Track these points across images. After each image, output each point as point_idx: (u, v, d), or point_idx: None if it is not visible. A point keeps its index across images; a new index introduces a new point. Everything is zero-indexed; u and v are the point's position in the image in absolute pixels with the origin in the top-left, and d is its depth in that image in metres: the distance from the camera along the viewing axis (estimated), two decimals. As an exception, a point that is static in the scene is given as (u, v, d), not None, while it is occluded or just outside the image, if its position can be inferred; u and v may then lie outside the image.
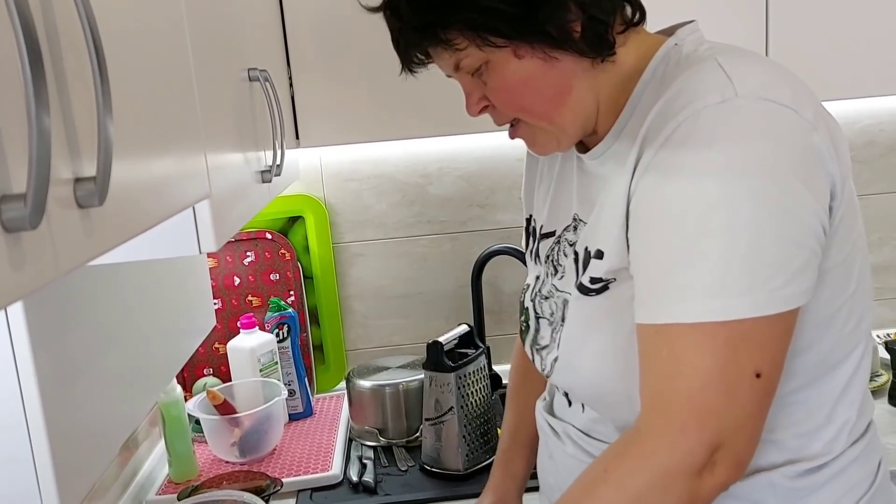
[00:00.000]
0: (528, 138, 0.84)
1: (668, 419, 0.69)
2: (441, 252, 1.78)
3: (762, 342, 0.68)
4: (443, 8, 0.75)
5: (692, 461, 0.67)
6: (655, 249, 0.71)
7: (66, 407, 0.76)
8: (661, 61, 0.78)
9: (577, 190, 0.87)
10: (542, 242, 0.94)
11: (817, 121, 0.71)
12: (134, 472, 1.43)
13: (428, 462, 1.41)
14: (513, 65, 0.76)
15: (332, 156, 1.72)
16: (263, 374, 1.57)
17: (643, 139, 0.73)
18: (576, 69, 0.77)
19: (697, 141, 0.69)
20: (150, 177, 0.53)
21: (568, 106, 0.79)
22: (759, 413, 0.70)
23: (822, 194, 0.70)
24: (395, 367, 1.58)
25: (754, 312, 0.66)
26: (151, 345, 1.08)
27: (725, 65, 0.72)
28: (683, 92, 0.71)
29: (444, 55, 0.79)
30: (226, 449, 1.46)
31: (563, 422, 0.94)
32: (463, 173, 1.75)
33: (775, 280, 0.67)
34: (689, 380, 0.68)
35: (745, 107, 0.69)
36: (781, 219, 0.67)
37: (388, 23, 0.80)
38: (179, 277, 1.25)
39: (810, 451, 0.79)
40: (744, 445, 0.69)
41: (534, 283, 0.95)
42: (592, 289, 0.81)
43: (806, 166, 0.69)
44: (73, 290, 0.82)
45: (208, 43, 0.78)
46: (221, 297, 1.70)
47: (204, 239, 0.71)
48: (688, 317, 0.68)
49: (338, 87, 1.39)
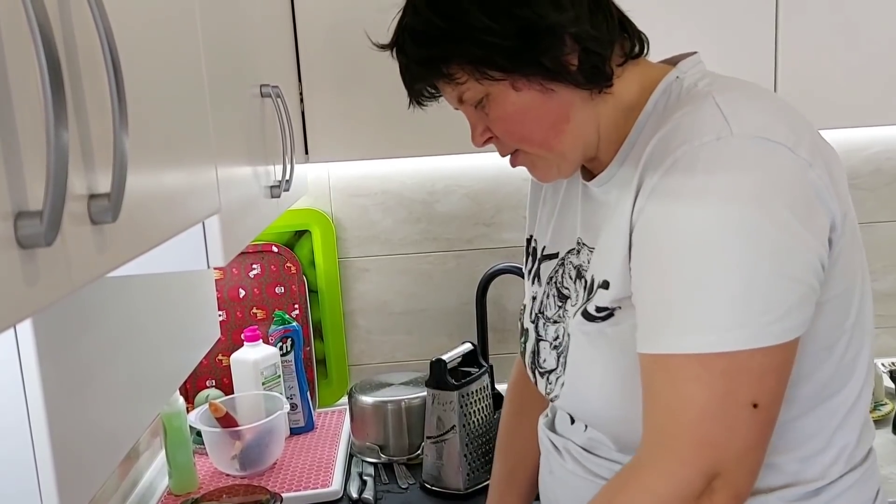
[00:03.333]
0: (528, 166, 0.86)
1: (667, 451, 0.70)
2: (446, 269, 1.79)
3: (759, 374, 0.69)
4: (443, 43, 0.78)
5: (689, 491, 0.68)
6: (654, 281, 0.73)
7: (70, 415, 0.77)
8: (663, 94, 0.80)
9: (581, 215, 0.89)
10: (544, 264, 0.94)
11: (814, 157, 0.71)
12: (134, 482, 1.43)
13: (428, 480, 1.40)
14: (511, 97, 0.79)
15: (340, 171, 1.73)
16: (266, 388, 1.57)
17: (641, 172, 0.75)
18: (573, 99, 0.79)
19: (693, 176, 0.70)
20: (162, 192, 0.53)
21: (566, 134, 0.81)
22: (759, 444, 0.70)
23: (820, 230, 0.71)
24: (397, 384, 1.58)
25: (749, 345, 0.67)
26: (157, 355, 1.09)
27: (722, 103, 0.73)
28: (680, 129, 0.73)
29: (447, 89, 0.82)
30: (226, 462, 1.46)
31: (563, 438, 0.95)
32: (469, 191, 1.76)
33: (771, 314, 0.68)
34: (687, 412, 0.69)
35: (740, 145, 0.70)
36: (777, 255, 0.68)
37: (398, 59, 0.84)
38: (186, 289, 1.26)
39: (807, 475, 0.80)
40: (744, 476, 0.70)
41: (531, 303, 0.96)
42: (598, 316, 0.82)
43: (802, 203, 0.70)
44: (82, 300, 0.82)
45: (222, 59, 0.79)
46: (226, 309, 1.71)
47: (213, 253, 0.71)
48: (685, 348, 0.69)
49: (348, 104, 1.40)
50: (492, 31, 0.75)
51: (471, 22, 0.75)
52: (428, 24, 0.78)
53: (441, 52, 0.79)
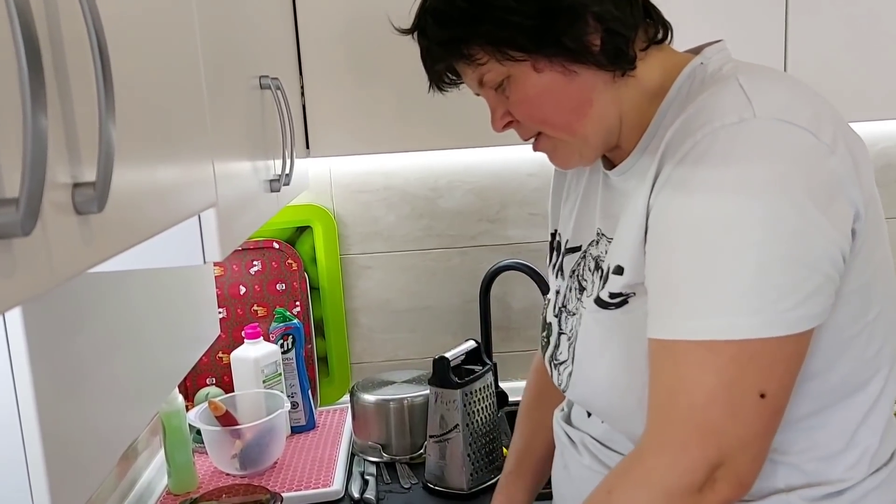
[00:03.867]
0: (549, 151, 0.85)
1: (670, 437, 0.69)
2: (449, 266, 1.76)
3: (769, 363, 0.67)
4: (464, 24, 0.77)
5: (692, 479, 0.67)
6: (668, 265, 0.71)
7: (63, 416, 0.75)
8: (687, 79, 0.79)
9: (600, 205, 0.87)
10: (567, 257, 0.93)
11: (836, 143, 0.69)
12: (132, 482, 1.41)
13: (431, 480, 1.38)
14: (533, 78, 0.77)
15: (341, 166, 1.71)
16: (266, 386, 1.55)
17: (662, 155, 0.73)
18: (596, 82, 0.78)
19: (713, 159, 0.68)
20: (154, 183, 0.51)
21: (589, 118, 0.79)
22: (764, 433, 0.69)
23: (842, 218, 0.69)
24: (400, 382, 1.56)
25: (762, 333, 0.66)
26: (154, 354, 1.07)
27: (746, 85, 0.71)
28: (703, 110, 0.71)
29: (468, 71, 0.81)
30: (226, 461, 1.44)
31: (580, 431, 0.93)
32: (473, 187, 1.74)
33: (785, 302, 0.66)
34: (692, 397, 0.68)
35: (761, 128, 0.68)
36: (793, 241, 0.66)
37: (419, 42, 0.83)
38: (185, 286, 1.24)
39: (829, 475, 0.78)
40: (747, 465, 0.68)
41: (554, 297, 0.94)
42: (611, 303, 0.80)
43: (822, 189, 0.68)
44: (76, 297, 0.80)
45: (220, 49, 0.77)
46: (227, 307, 1.68)
47: (209, 248, 0.69)
48: (694, 334, 0.67)
49: (350, 98, 1.38)
50: (513, 10, 0.74)
51: (492, 1, 0.75)
52: (449, 5, 0.78)
53: (462, 32, 0.78)
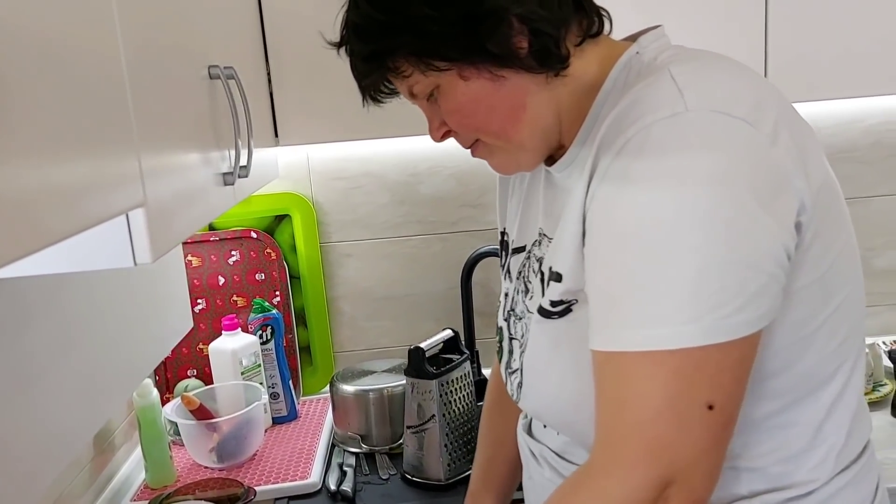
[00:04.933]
0: (488, 158, 0.82)
1: (618, 454, 0.65)
2: (431, 253, 1.74)
3: (715, 372, 0.63)
4: (384, 36, 0.74)
5: (642, 496, 0.63)
6: (605, 272, 0.67)
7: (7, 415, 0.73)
8: (622, 70, 0.75)
9: (543, 203, 0.84)
10: (514, 258, 0.90)
11: (778, 133, 0.65)
12: (110, 476, 1.40)
13: (409, 471, 1.37)
14: (461, 87, 0.74)
15: (319, 153, 1.68)
16: (246, 377, 1.54)
17: (595, 154, 0.69)
18: (528, 85, 0.74)
19: (646, 158, 0.64)
20: (53, 187, 0.49)
21: (523, 123, 0.76)
22: (715, 447, 0.65)
23: (785, 213, 0.65)
24: (380, 372, 1.54)
25: (704, 340, 0.62)
26: (117, 350, 1.05)
27: (678, 76, 0.67)
28: (634, 105, 0.67)
29: (397, 83, 0.78)
30: (204, 454, 1.43)
31: (539, 443, 0.91)
32: (454, 172, 1.71)
33: (727, 306, 0.62)
34: (639, 412, 0.64)
35: (695, 120, 0.64)
36: (732, 242, 0.62)
37: (349, 57, 0.79)
38: (152, 280, 1.22)
39: (794, 478, 0.75)
40: (699, 481, 0.65)
41: (504, 300, 0.91)
42: (554, 311, 0.77)
43: (763, 183, 0.64)
44: (19, 298, 0.78)
45: (152, 41, 0.74)
46: (206, 297, 1.67)
47: (139, 250, 0.67)
48: (636, 344, 0.64)
49: (319, 85, 1.35)
50: (432, 19, 0.71)
51: (411, 12, 0.71)
52: (368, 19, 0.74)
53: (383, 45, 0.74)
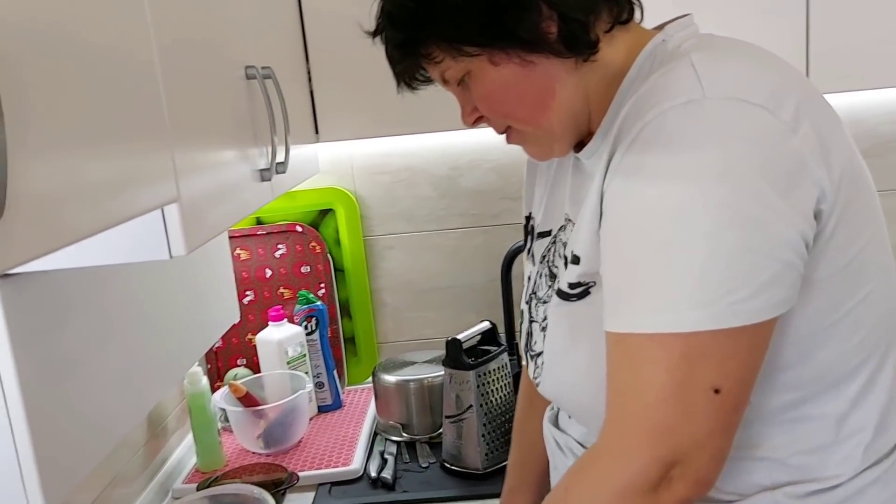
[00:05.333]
0: (521, 144, 0.83)
1: (623, 435, 0.67)
2: (472, 245, 1.76)
3: (722, 357, 0.64)
4: (415, 24, 0.76)
5: (645, 479, 0.65)
6: (618, 256, 0.69)
7: (52, 403, 0.78)
8: (647, 58, 0.75)
9: (569, 189, 0.85)
10: (538, 242, 0.91)
11: (799, 121, 0.65)
12: (163, 460, 1.47)
13: (448, 459, 1.39)
14: (491, 73, 0.75)
15: (362, 149, 1.71)
16: (292, 367, 1.59)
17: (614, 140, 0.70)
18: (558, 71, 0.75)
19: (661, 144, 0.65)
20: (83, 184, 0.52)
21: (553, 109, 0.77)
22: (721, 430, 0.66)
23: (803, 201, 0.65)
24: (421, 363, 1.57)
25: (712, 325, 0.63)
26: (164, 338, 1.10)
27: (698, 63, 0.67)
28: (652, 92, 0.68)
29: (430, 69, 0.80)
30: (251, 440, 1.48)
31: (565, 434, 0.92)
32: (495, 165, 1.72)
33: (738, 293, 0.62)
34: (644, 395, 0.65)
35: (712, 108, 0.64)
36: (745, 229, 0.62)
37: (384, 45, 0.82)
38: (199, 272, 1.27)
39: (820, 472, 0.74)
40: (704, 463, 0.65)
41: (526, 283, 0.92)
42: (572, 294, 0.78)
43: (780, 171, 0.64)
44: (64, 289, 0.83)
45: (185, 43, 0.77)
46: (254, 289, 1.72)
47: (174, 243, 0.70)
48: (644, 328, 0.65)
49: (358, 82, 1.38)
50: (461, 5, 0.72)
51: None
52: (400, 7, 0.77)
53: (415, 32, 0.76)
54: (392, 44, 0.79)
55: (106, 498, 1.24)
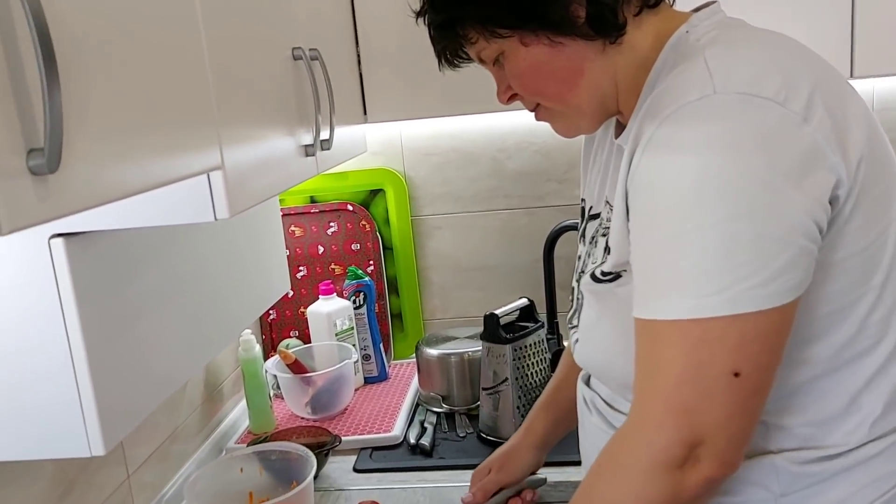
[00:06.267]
0: (549, 121, 0.88)
1: (647, 416, 0.71)
2: (517, 226, 1.80)
3: (741, 342, 0.66)
4: (453, 6, 0.81)
5: (668, 457, 0.68)
6: (643, 246, 0.72)
7: (113, 354, 0.86)
8: (672, 50, 0.78)
9: (611, 173, 0.89)
10: (590, 224, 0.95)
11: (811, 110, 0.67)
12: (218, 421, 1.56)
13: (484, 430, 1.44)
14: (522, 52, 0.80)
15: (411, 130, 1.77)
16: (339, 339, 1.66)
17: (634, 137, 0.74)
18: (586, 52, 0.79)
19: (675, 140, 0.68)
20: (130, 148, 0.59)
21: (581, 88, 0.81)
22: (741, 413, 0.69)
23: (817, 188, 0.67)
24: (462, 338, 1.63)
25: (729, 311, 0.66)
26: (217, 303, 1.18)
27: (711, 59, 0.71)
28: (667, 92, 0.72)
29: (467, 49, 0.85)
30: (300, 406, 1.56)
31: (592, 391, 0.97)
32: (541, 148, 1.75)
33: (753, 278, 0.65)
34: (665, 378, 0.69)
35: (722, 103, 0.67)
36: (760, 216, 0.65)
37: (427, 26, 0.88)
38: (254, 244, 1.35)
39: (824, 440, 0.77)
40: (725, 444, 0.68)
41: (577, 263, 0.97)
42: (604, 279, 0.83)
43: (791, 160, 0.66)
44: (129, 247, 0.91)
45: (232, 25, 0.84)
46: (307, 265, 1.81)
47: (219, 207, 0.77)
48: (666, 314, 0.68)
49: (405, 66, 1.44)
50: None
51: None
52: None
53: (452, 14, 0.82)
54: (432, 25, 0.85)
55: (165, 451, 1.34)
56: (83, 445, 0.82)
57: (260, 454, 1.24)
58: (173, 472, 1.36)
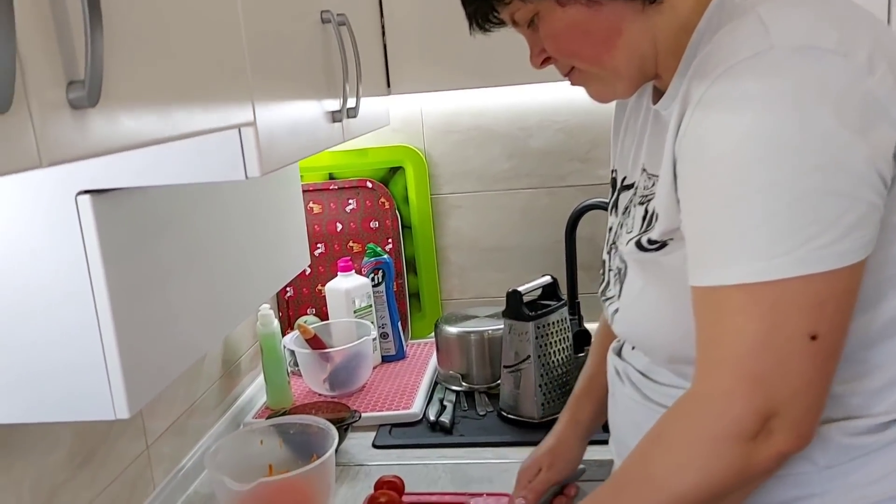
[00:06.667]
0: (584, 85, 0.85)
1: (716, 386, 0.68)
2: (539, 206, 1.78)
3: (817, 302, 0.64)
4: None
5: (741, 428, 0.66)
6: (699, 210, 0.70)
7: (138, 316, 0.84)
8: (717, 9, 0.76)
9: (647, 140, 0.87)
10: (623, 194, 0.93)
11: (875, 63, 0.65)
12: (236, 396, 1.55)
13: (505, 408, 1.43)
14: (558, 13, 0.78)
15: (431, 107, 1.75)
16: (358, 316, 1.65)
17: (682, 98, 0.72)
18: (624, 12, 0.77)
19: (730, 98, 0.66)
20: (169, 94, 0.58)
21: (619, 49, 0.78)
22: (819, 378, 0.66)
23: (881, 141, 0.65)
24: (482, 316, 1.61)
25: (802, 271, 0.63)
26: (238, 273, 1.16)
27: (766, 14, 0.68)
28: (718, 50, 0.69)
29: (500, 10, 0.82)
30: (318, 382, 1.55)
31: (625, 362, 0.95)
32: (563, 126, 1.73)
33: (824, 236, 0.63)
34: (736, 345, 0.66)
35: (781, 57, 0.65)
36: (827, 172, 0.63)
37: None
38: (276, 215, 1.33)
39: (874, 409, 0.75)
40: (802, 414, 0.66)
41: (608, 234, 0.95)
42: (650, 248, 0.80)
43: (855, 111, 0.64)
44: (157, 209, 0.89)
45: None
46: (325, 242, 1.79)
47: (250, 165, 0.75)
48: (732, 279, 0.66)
49: (430, 37, 1.41)
50: None
51: None
52: None
53: None
54: None
55: (182, 424, 1.33)
56: (108, 407, 0.80)
57: (279, 427, 1.22)
58: (190, 446, 1.35)
